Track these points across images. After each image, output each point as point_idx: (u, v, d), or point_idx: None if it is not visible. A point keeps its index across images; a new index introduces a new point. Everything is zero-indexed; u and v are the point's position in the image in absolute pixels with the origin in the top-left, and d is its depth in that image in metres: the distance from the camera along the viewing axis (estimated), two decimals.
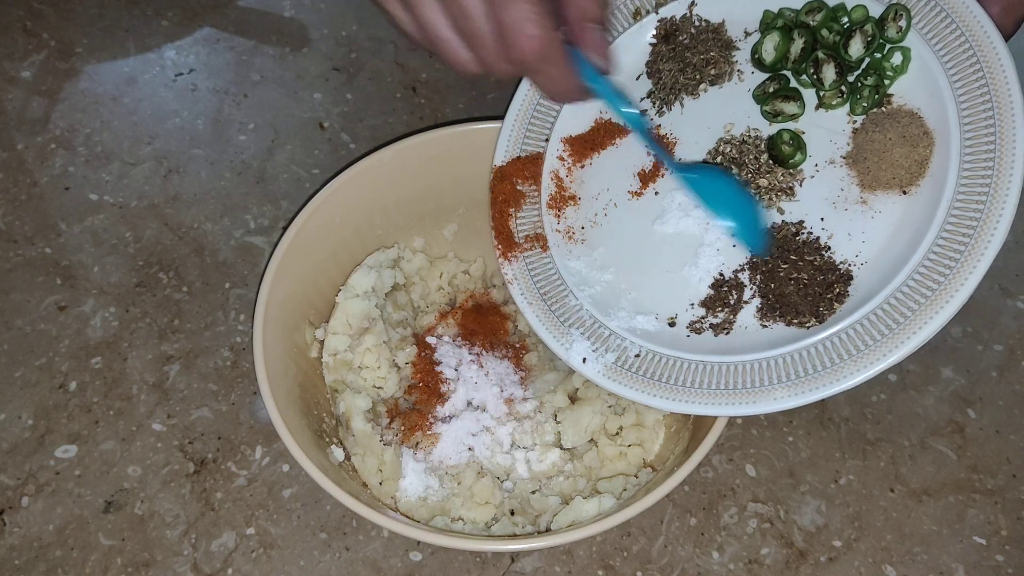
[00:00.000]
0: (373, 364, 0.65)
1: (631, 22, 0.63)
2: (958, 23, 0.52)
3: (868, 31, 0.54)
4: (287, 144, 0.84)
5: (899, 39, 0.54)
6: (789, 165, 0.56)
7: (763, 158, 0.57)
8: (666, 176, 0.60)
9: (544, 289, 0.61)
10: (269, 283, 0.60)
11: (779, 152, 0.56)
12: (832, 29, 0.56)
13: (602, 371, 0.57)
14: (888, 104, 0.55)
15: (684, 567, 0.62)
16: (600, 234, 0.62)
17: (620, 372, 0.57)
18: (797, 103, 0.57)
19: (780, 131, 0.57)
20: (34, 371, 0.70)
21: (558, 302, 0.61)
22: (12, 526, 0.63)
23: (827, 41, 0.56)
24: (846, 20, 0.56)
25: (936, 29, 0.53)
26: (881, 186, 0.53)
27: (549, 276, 0.62)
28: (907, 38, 0.54)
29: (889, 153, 0.53)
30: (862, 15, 0.55)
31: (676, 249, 0.59)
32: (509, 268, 0.63)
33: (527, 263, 0.63)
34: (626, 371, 0.57)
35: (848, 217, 0.54)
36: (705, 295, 0.57)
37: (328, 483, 0.53)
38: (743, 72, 0.60)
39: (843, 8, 0.56)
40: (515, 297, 0.62)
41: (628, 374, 0.57)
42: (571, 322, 0.60)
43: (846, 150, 0.56)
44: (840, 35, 0.56)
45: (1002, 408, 0.69)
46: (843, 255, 0.54)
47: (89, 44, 0.90)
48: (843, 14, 0.56)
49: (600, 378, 0.57)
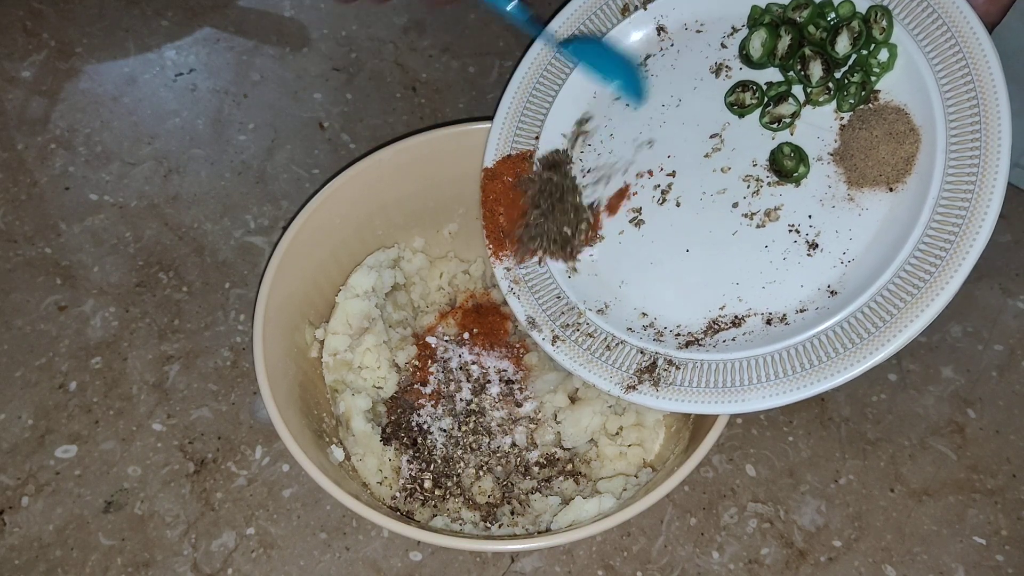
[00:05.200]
0: (373, 364, 0.65)
1: (619, 18, 0.63)
2: (944, 19, 0.52)
3: (855, 28, 0.54)
4: (287, 144, 0.84)
5: (883, 40, 0.54)
6: (793, 179, 0.56)
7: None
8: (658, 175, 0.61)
9: (534, 286, 0.61)
10: (269, 283, 0.60)
11: (781, 167, 0.56)
12: (819, 25, 0.56)
13: None
14: (875, 100, 0.55)
15: (684, 567, 0.62)
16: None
17: None
18: (789, 101, 0.57)
19: (780, 145, 0.57)
20: (34, 371, 0.70)
21: (549, 301, 0.61)
22: (12, 526, 0.63)
23: (814, 37, 0.56)
24: (833, 16, 0.56)
25: (923, 24, 0.53)
26: (868, 183, 0.54)
27: (541, 276, 0.62)
28: (894, 34, 0.54)
29: (876, 150, 0.53)
30: (849, 11, 0.55)
31: (666, 256, 0.59)
32: (500, 267, 0.63)
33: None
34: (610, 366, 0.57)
35: (836, 214, 0.54)
36: (700, 327, 0.57)
37: (328, 483, 0.53)
38: (731, 68, 0.60)
39: (830, 4, 0.56)
40: (506, 296, 0.62)
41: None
42: (562, 321, 0.60)
43: (833, 147, 0.56)
44: (827, 31, 0.56)
45: (1002, 408, 0.69)
46: (831, 252, 0.54)
47: (89, 44, 0.90)
48: (830, 10, 0.56)
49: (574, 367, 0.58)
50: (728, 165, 0.58)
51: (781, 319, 0.54)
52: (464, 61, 0.89)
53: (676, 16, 0.63)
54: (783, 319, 0.54)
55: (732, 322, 0.56)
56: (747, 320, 0.55)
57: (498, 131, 0.65)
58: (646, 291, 0.59)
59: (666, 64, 0.63)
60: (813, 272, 0.54)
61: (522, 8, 0.61)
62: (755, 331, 0.55)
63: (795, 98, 0.57)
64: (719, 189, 0.58)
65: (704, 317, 0.57)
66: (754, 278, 0.56)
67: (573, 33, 0.64)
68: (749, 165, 0.58)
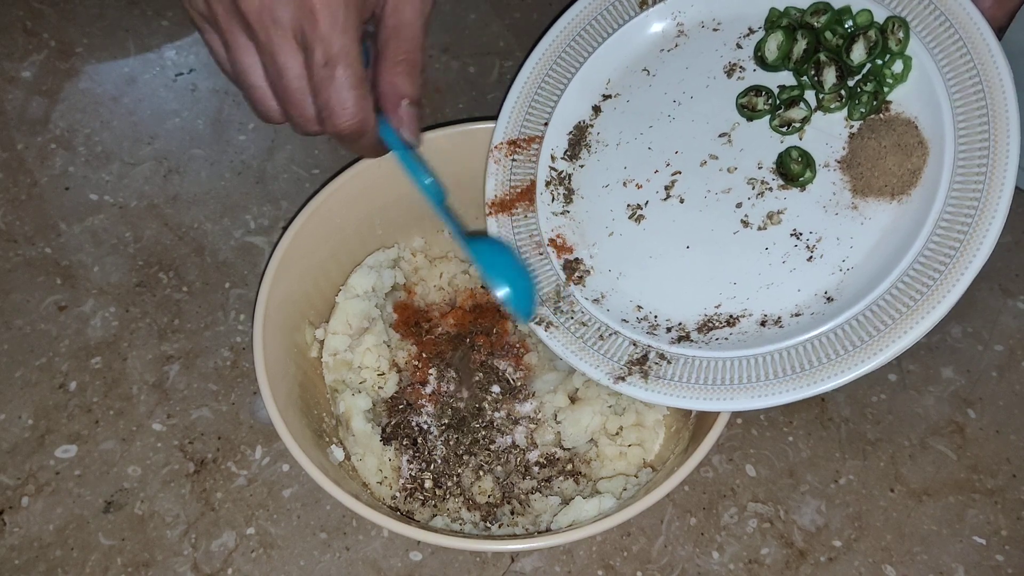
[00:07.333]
0: (373, 364, 0.65)
1: (637, 11, 0.63)
2: (961, 34, 0.52)
3: (872, 36, 0.54)
4: (287, 144, 0.84)
5: (899, 51, 0.54)
6: (799, 183, 0.56)
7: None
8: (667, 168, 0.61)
9: (532, 271, 0.62)
10: (269, 283, 0.60)
11: (788, 170, 0.56)
12: (836, 32, 0.56)
13: None
14: (886, 111, 0.55)
15: (684, 567, 0.62)
16: (584, 208, 0.63)
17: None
18: (800, 106, 0.57)
19: (788, 149, 0.57)
20: (34, 371, 0.70)
21: (546, 287, 0.61)
22: (12, 526, 0.63)
23: (830, 44, 0.56)
24: (851, 24, 0.56)
25: (939, 39, 0.53)
26: (873, 192, 0.54)
27: (539, 261, 0.62)
28: (909, 46, 0.54)
29: (883, 160, 0.53)
30: (867, 20, 0.55)
31: (668, 247, 0.59)
32: (494, 222, 0.64)
33: (512, 222, 0.63)
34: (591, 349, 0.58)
35: (838, 221, 0.54)
36: (694, 323, 0.57)
37: (328, 483, 0.53)
38: (745, 69, 0.60)
39: (848, 12, 0.56)
40: None
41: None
42: (557, 308, 0.60)
43: (841, 154, 0.56)
44: (844, 39, 0.56)
45: (1002, 408, 0.69)
46: (830, 259, 0.54)
47: (89, 44, 0.90)
48: (848, 17, 0.56)
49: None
50: (735, 165, 0.58)
51: (776, 321, 0.54)
52: (464, 61, 0.89)
53: (694, 13, 0.63)
54: (777, 321, 0.54)
55: (727, 321, 0.56)
56: (742, 320, 0.55)
57: (507, 114, 0.65)
58: (643, 284, 0.59)
59: (680, 60, 0.63)
60: (811, 277, 0.54)
61: (437, 187, 0.59)
62: (749, 331, 0.55)
63: (807, 103, 0.57)
64: (724, 188, 0.58)
65: (699, 314, 0.57)
66: (752, 279, 0.56)
67: (485, 233, 0.64)
68: (755, 167, 0.58)
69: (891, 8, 0.55)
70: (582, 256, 0.62)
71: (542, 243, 0.62)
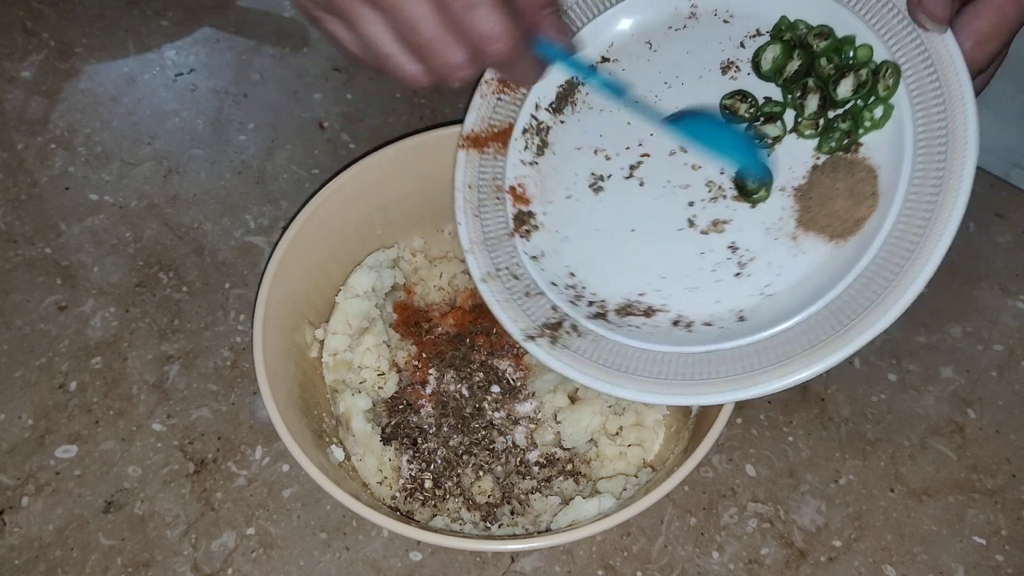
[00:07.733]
0: (373, 364, 0.65)
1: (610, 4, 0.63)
2: (945, 97, 0.51)
3: (863, 75, 0.54)
4: (287, 144, 0.84)
5: (884, 97, 0.53)
6: (752, 199, 0.56)
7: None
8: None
9: (484, 213, 0.62)
10: (269, 283, 0.60)
11: (745, 184, 0.56)
12: (832, 60, 0.56)
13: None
14: (854, 152, 0.54)
15: (684, 567, 0.62)
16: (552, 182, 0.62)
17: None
18: (777, 124, 0.57)
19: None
20: (34, 371, 0.70)
21: (494, 234, 0.61)
22: (12, 526, 0.63)
23: (822, 71, 0.56)
24: (850, 55, 0.56)
25: (923, 91, 0.52)
26: (815, 229, 0.54)
27: (495, 207, 0.62)
28: (895, 96, 0.53)
29: (832, 202, 0.53)
30: (867, 55, 0.54)
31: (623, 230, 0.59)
32: (464, 155, 0.63)
33: (480, 159, 0.63)
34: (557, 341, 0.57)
35: (775, 247, 0.54)
36: (615, 305, 0.57)
37: (328, 483, 0.53)
38: (740, 71, 0.60)
39: (851, 42, 0.56)
40: (456, 213, 0.62)
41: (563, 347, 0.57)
42: (499, 262, 0.60)
43: (799, 182, 0.55)
44: (836, 69, 0.55)
45: (1002, 408, 0.69)
46: (756, 280, 0.54)
47: (89, 44, 0.90)
48: (850, 48, 0.56)
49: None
50: (700, 164, 0.59)
51: (687, 325, 0.55)
52: None
53: None
54: (688, 325, 0.54)
55: (644, 311, 0.56)
56: (658, 314, 0.56)
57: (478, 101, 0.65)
58: (582, 254, 0.59)
59: (684, 43, 0.62)
60: (733, 293, 0.54)
61: (614, 83, 0.58)
62: (660, 327, 0.55)
63: (783, 123, 0.57)
64: (683, 183, 0.58)
65: (623, 296, 0.57)
66: (680, 278, 0.56)
67: (682, 109, 0.60)
68: (717, 171, 0.58)
69: (889, 47, 0.54)
70: (536, 211, 0.61)
71: (503, 188, 0.62)
